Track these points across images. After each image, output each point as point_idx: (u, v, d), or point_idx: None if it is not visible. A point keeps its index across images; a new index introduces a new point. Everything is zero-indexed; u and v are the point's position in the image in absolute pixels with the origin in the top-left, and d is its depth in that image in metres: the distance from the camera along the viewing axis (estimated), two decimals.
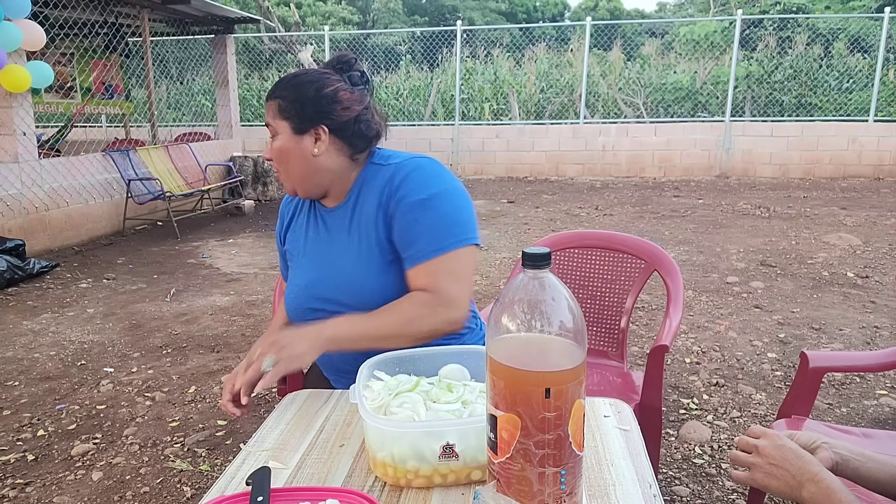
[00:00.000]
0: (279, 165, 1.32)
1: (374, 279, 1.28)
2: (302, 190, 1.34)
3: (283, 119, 1.29)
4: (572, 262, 2.12)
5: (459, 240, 1.25)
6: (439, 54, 12.62)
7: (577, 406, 0.78)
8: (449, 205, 1.26)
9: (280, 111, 1.29)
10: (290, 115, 1.28)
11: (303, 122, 1.28)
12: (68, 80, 7.82)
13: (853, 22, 13.16)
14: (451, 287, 1.23)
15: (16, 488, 2.19)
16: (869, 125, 9.56)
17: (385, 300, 1.26)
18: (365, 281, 1.28)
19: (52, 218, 5.83)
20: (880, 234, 5.82)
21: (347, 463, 0.99)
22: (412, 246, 1.25)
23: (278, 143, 1.30)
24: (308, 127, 1.28)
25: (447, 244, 1.23)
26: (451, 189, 1.28)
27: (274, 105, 1.30)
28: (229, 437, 2.53)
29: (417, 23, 27.43)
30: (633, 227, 6.31)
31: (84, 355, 3.38)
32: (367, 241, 1.29)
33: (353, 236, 1.31)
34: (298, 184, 1.33)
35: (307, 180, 1.32)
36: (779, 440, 0.94)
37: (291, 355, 1.14)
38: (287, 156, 1.30)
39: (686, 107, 11.41)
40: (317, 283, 1.34)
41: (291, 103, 1.28)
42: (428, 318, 1.22)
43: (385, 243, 1.28)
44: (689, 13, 24.55)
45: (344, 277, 1.30)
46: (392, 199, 1.26)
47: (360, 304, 1.27)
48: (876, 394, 2.76)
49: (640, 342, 3.42)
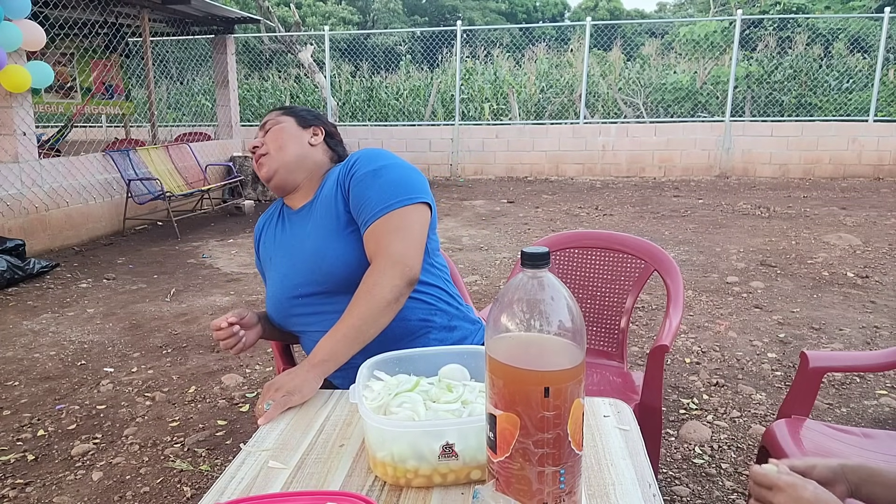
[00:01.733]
0: (272, 145, 1.45)
1: (336, 247, 1.33)
2: (282, 173, 1.44)
3: (290, 115, 1.51)
4: (572, 262, 2.13)
5: (405, 199, 1.31)
6: (439, 54, 12.63)
7: (577, 405, 0.78)
8: (397, 173, 1.35)
9: (286, 112, 1.52)
10: (296, 114, 1.52)
11: (306, 121, 1.51)
12: (68, 80, 7.82)
13: (853, 22, 13.17)
14: (397, 245, 1.26)
15: (16, 488, 2.19)
16: (869, 125, 9.56)
17: (349, 266, 1.31)
18: (327, 251, 1.33)
19: (52, 218, 5.83)
20: (880, 234, 5.82)
21: (347, 463, 0.99)
22: (364, 211, 1.31)
23: (281, 126, 1.47)
24: (310, 124, 1.51)
25: (393, 203, 1.30)
26: (400, 162, 1.38)
27: (277, 111, 1.52)
28: (229, 437, 2.53)
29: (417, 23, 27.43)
30: (633, 227, 6.32)
31: (84, 355, 3.38)
32: (326, 217, 1.37)
33: (315, 219, 1.39)
34: (282, 165, 1.43)
35: (292, 163, 1.44)
36: (798, 491, 0.86)
37: (290, 390, 1.16)
38: (287, 136, 1.46)
39: (686, 107, 11.41)
40: (291, 272, 1.40)
41: (296, 110, 1.53)
42: (383, 281, 1.24)
43: (343, 215, 1.35)
44: (689, 13, 24.55)
45: (312, 256, 1.36)
46: (347, 176, 1.36)
47: (330, 278, 1.32)
48: (876, 394, 2.76)
49: (640, 342, 3.42)
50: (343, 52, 13.76)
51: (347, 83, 12.63)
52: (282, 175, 1.44)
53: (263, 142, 1.47)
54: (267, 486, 0.93)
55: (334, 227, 1.35)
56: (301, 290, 1.37)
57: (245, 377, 3.08)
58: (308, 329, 1.40)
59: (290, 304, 1.39)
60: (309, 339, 1.41)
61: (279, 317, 1.44)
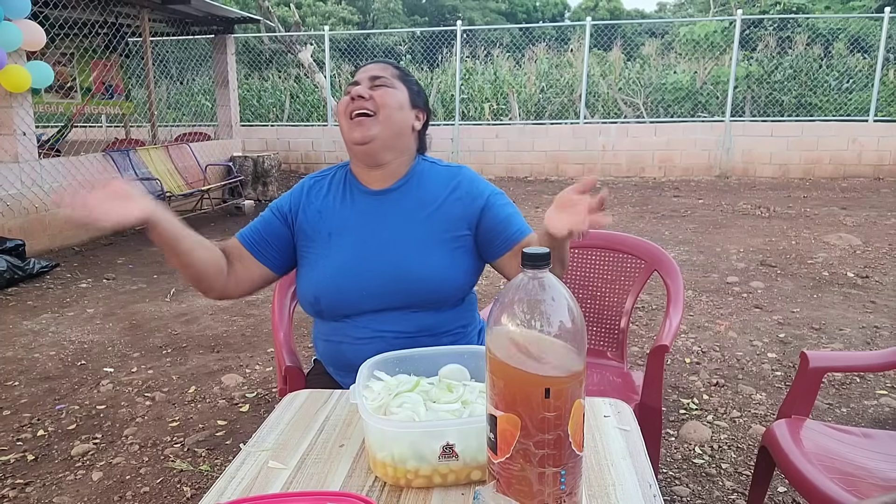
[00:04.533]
0: (381, 105, 1.31)
1: (438, 261, 1.32)
2: (380, 142, 1.32)
3: (404, 85, 1.37)
4: (572, 262, 2.12)
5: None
6: (439, 54, 12.62)
7: (577, 406, 0.78)
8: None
9: (401, 78, 1.37)
10: (410, 87, 1.39)
11: (417, 100, 1.40)
12: (68, 80, 7.82)
13: (853, 22, 13.16)
14: None
15: (16, 488, 2.19)
16: (869, 125, 9.55)
17: (453, 281, 1.33)
18: (430, 261, 1.32)
19: (52, 218, 5.83)
20: (880, 234, 5.82)
21: (347, 463, 0.99)
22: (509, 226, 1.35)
23: (394, 92, 1.33)
24: (419, 105, 1.40)
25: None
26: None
27: (391, 69, 1.37)
28: (229, 437, 2.53)
29: (417, 23, 27.43)
30: (633, 227, 6.31)
31: (84, 355, 3.38)
32: (431, 223, 1.34)
33: (408, 218, 1.34)
34: (384, 134, 1.31)
35: (393, 138, 1.33)
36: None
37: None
38: (398, 109, 1.33)
39: (686, 107, 11.40)
40: (360, 265, 1.31)
41: (411, 81, 1.40)
42: None
43: (460, 230, 1.35)
44: (689, 13, 24.54)
45: (401, 262, 1.31)
46: (476, 195, 1.37)
47: (422, 291, 1.30)
48: (876, 394, 2.76)
49: (640, 342, 3.42)
50: (343, 52, 13.76)
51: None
52: (378, 144, 1.31)
53: (371, 95, 1.30)
54: (267, 487, 0.93)
55: (444, 238, 1.33)
56: (370, 290, 1.29)
57: (245, 377, 3.08)
58: (352, 337, 1.33)
59: (348, 300, 1.30)
60: (346, 349, 1.34)
61: (324, 307, 1.33)
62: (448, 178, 1.38)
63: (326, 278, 1.32)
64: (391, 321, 1.31)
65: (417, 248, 1.32)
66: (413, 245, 1.32)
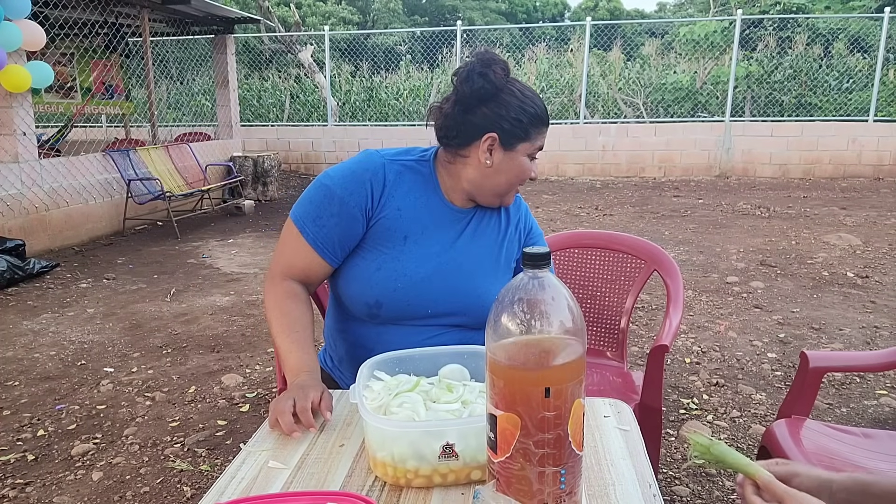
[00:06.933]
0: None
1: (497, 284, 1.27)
2: None
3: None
4: (572, 262, 2.12)
5: None
6: (439, 54, 12.62)
7: (577, 405, 0.78)
8: None
9: None
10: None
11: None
12: (68, 80, 7.81)
13: (853, 22, 13.17)
14: None
15: (16, 488, 2.19)
16: (869, 125, 9.55)
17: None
18: (492, 286, 1.31)
19: (52, 218, 5.83)
20: (880, 234, 5.82)
21: (347, 463, 0.99)
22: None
23: None
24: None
25: None
26: None
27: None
28: (229, 437, 2.53)
29: (417, 23, 27.43)
30: (633, 227, 6.31)
31: (84, 355, 3.38)
32: (493, 248, 1.37)
33: (476, 239, 1.35)
34: None
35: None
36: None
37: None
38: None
39: (686, 107, 11.40)
40: (431, 277, 1.28)
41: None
42: None
43: (512, 254, 1.39)
44: (689, 13, 24.54)
45: (472, 281, 1.31)
46: (526, 225, 1.44)
47: (480, 311, 1.29)
48: (876, 394, 2.76)
49: (640, 342, 3.42)
50: (343, 52, 13.76)
51: (347, 83, 12.62)
52: None
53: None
54: (267, 486, 0.93)
55: (510, 266, 1.39)
56: (437, 305, 1.28)
57: (245, 377, 3.08)
58: (397, 345, 1.23)
59: (412, 310, 1.28)
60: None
61: (383, 313, 1.28)
62: (515, 209, 1.42)
63: (395, 285, 1.26)
64: (446, 336, 1.30)
65: (488, 272, 1.34)
66: (485, 268, 1.34)
